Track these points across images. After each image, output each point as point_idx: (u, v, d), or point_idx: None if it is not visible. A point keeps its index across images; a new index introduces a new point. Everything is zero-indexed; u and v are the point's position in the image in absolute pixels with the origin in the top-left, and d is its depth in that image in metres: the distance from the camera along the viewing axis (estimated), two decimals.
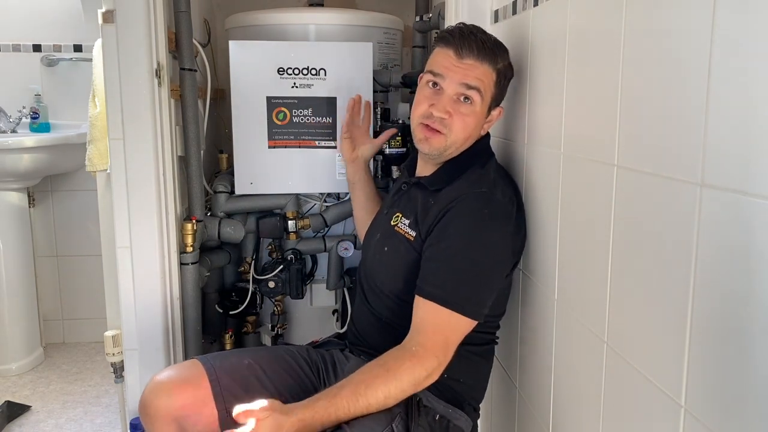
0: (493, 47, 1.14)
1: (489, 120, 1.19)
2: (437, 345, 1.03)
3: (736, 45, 0.60)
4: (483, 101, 1.14)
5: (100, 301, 2.10)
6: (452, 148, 1.17)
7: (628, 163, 0.80)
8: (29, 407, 2.07)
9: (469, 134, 1.16)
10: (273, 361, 1.23)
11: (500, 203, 1.10)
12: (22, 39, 2.38)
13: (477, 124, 1.16)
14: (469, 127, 1.15)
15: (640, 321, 0.79)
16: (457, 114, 1.13)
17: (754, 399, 0.58)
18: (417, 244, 1.13)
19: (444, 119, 1.13)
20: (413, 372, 1.01)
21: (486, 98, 1.14)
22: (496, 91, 1.16)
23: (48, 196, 2.49)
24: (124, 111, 1.45)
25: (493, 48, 1.14)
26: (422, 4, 2.05)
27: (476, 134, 1.19)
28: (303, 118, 1.67)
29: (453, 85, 1.13)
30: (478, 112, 1.15)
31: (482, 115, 1.16)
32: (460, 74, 1.12)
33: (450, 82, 1.13)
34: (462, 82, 1.12)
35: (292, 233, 1.78)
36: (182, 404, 1.13)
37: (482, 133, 1.21)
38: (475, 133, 1.18)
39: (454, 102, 1.13)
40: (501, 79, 1.16)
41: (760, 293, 0.57)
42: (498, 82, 1.15)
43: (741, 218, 0.59)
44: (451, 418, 1.11)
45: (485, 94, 1.14)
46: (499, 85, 1.16)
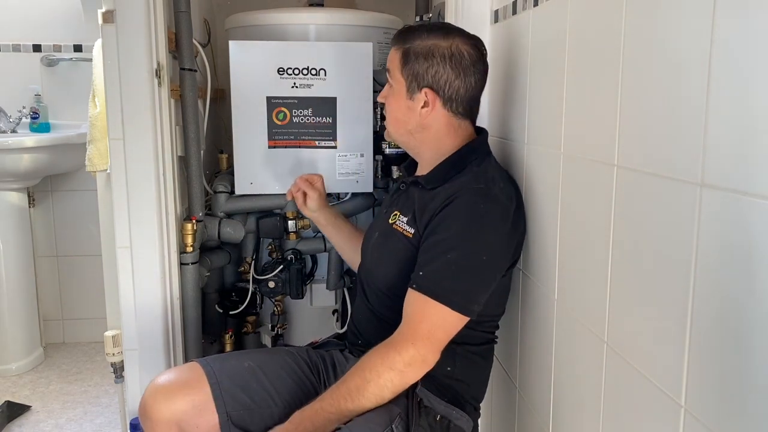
0: (408, 30, 1.19)
1: (423, 105, 1.15)
2: (418, 334, 1.02)
3: (735, 45, 0.60)
4: (395, 81, 1.18)
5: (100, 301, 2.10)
6: (394, 134, 1.23)
7: (628, 163, 0.80)
8: (29, 407, 2.07)
9: (397, 117, 1.20)
10: (273, 363, 1.22)
11: (497, 199, 1.09)
12: (22, 39, 2.38)
13: (399, 106, 1.19)
14: (393, 110, 1.20)
15: (640, 321, 0.79)
16: (385, 99, 1.23)
17: (754, 399, 0.59)
18: (415, 241, 1.13)
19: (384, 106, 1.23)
20: (386, 358, 1.01)
21: (395, 77, 1.18)
22: (405, 69, 1.16)
23: (48, 196, 2.49)
24: (124, 111, 1.45)
25: (406, 31, 1.19)
26: (422, 4, 2.05)
27: (411, 119, 1.18)
28: (303, 118, 1.67)
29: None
30: (395, 92, 1.19)
31: (401, 96, 1.18)
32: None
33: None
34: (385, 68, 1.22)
35: (292, 233, 1.79)
36: (182, 408, 1.13)
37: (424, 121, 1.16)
38: (407, 117, 1.18)
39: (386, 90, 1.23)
40: (408, 56, 1.15)
41: (760, 293, 0.57)
42: (404, 58, 1.16)
43: (741, 218, 0.59)
44: (452, 418, 1.11)
45: (393, 71, 1.19)
46: (408, 62, 1.15)
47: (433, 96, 1.15)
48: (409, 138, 1.21)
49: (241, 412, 1.15)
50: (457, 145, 1.19)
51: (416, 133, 1.19)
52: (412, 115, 1.17)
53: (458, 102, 1.16)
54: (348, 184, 1.73)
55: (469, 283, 1.05)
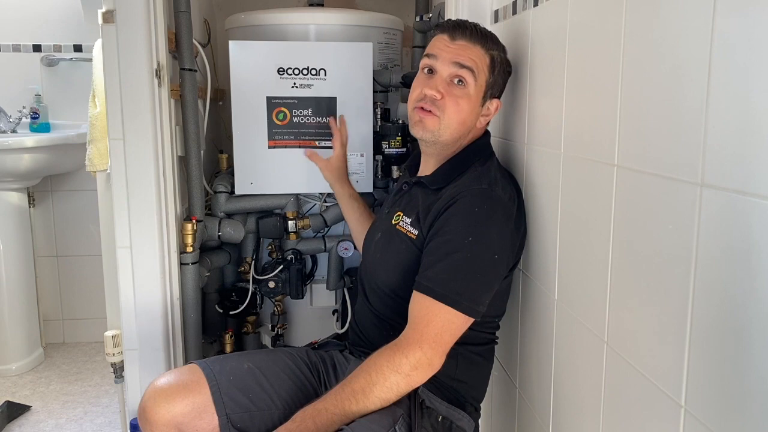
0: (486, 33, 1.17)
1: (486, 114, 1.19)
2: (424, 337, 1.02)
3: (736, 45, 0.60)
4: (476, 84, 1.15)
5: (100, 301, 2.10)
6: (446, 133, 1.16)
7: (628, 163, 0.80)
8: (29, 407, 2.07)
9: (463, 119, 1.16)
10: (273, 365, 1.22)
11: (500, 200, 1.09)
12: (22, 39, 2.38)
13: (471, 109, 1.16)
14: (463, 111, 1.15)
15: (640, 321, 0.79)
16: (449, 95, 1.14)
17: (754, 399, 0.59)
18: (419, 242, 1.13)
19: (437, 100, 1.14)
20: (392, 361, 1.01)
21: (480, 81, 1.15)
22: (491, 78, 1.16)
23: (48, 196, 2.49)
24: (124, 111, 1.45)
25: (486, 34, 1.17)
26: (422, 4, 2.05)
27: (471, 124, 1.18)
28: (303, 118, 1.67)
29: (446, 65, 1.15)
30: (471, 96, 1.15)
31: (476, 101, 1.16)
32: (452, 53, 1.14)
33: (443, 62, 1.15)
34: (454, 60, 1.14)
35: (292, 233, 1.79)
36: (182, 410, 1.12)
37: (479, 126, 1.20)
38: (470, 121, 1.17)
39: (447, 84, 1.15)
40: (495, 66, 1.16)
41: (760, 293, 0.57)
42: (492, 67, 1.16)
43: (741, 218, 0.59)
44: (454, 419, 1.11)
45: (479, 75, 1.15)
46: (494, 72, 1.16)
47: (497, 107, 1.20)
48: (457, 141, 1.19)
49: (241, 414, 1.15)
50: (464, 144, 1.19)
51: (464, 136, 1.19)
52: (475, 121, 1.19)
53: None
54: None
55: (475, 284, 1.05)
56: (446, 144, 1.18)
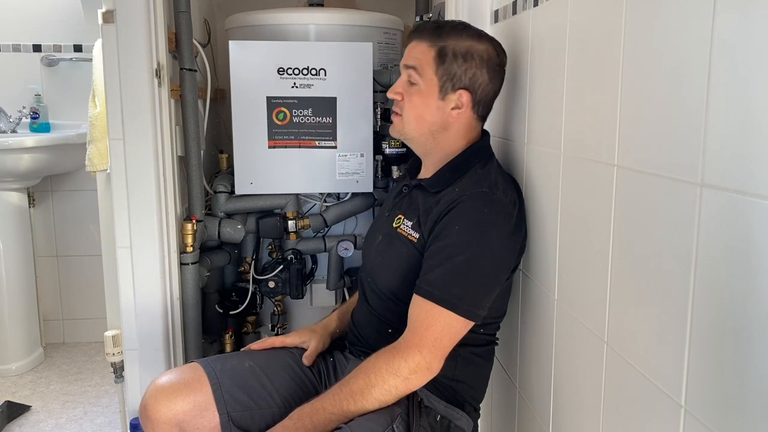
0: (439, 27, 1.15)
1: (457, 107, 1.15)
2: (424, 341, 1.02)
3: (736, 45, 0.60)
4: (424, 78, 1.14)
5: (100, 301, 2.10)
6: (409, 129, 1.17)
7: (628, 163, 0.80)
8: (29, 407, 2.07)
9: (419, 114, 1.15)
10: (274, 364, 1.22)
11: (501, 203, 1.09)
12: (22, 39, 2.38)
13: (425, 103, 1.14)
14: (417, 106, 1.15)
15: (640, 321, 0.79)
16: (406, 95, 1.16)
17: (754, 399, 0.59)
18: (420, 246, 1.13)
19: (398, 101, 1.18)
20: (391, 364, 1.01)
21: (427, 75, 1.13)
22: (441, 69, 1.13)
23: (48, 196, 2.49)
24: (124, 111, 1.45)
25: (438, 28, 1.15)
26: (422, 4, 2.05)
27: (434, 117, 1.15)
28: (303, 118, 1.67)
29: (402, 69, 1.18)
30: (423, 92, 1.14)
31: (431, 94, 1.14)
32: (404, 57, 1.18)
33: (401, 67, 1.19)
34: (404, 63, 1.17)
35: (292, 233, 1.79)
36: (183, 409, 1.12)
37: (452, 120, 1.16)
38: (430, 114, 1.15)
39: (405, 85, 1.17)
40: (445, 56, 1.12)
41: (760, 293, 0.57)
42: (439, 58, 1.12)
43: (741, 218, 0.59)
44: (452, 418, 1.11)
45: (423, 70, 1.14)
46: (443, 62, 1.13)
47: (468, 98, 1.15)
48: (428, 138, 1.18)
49: (242, 412, 1.15)
50: (463, 146, 1.19)
51: (437, 133, 1.17)
52: (440, 115, 1.15)
53: (484, 105, 1.18)
54: (348, 184, 1.73)
55: (475, 287, 1.05)
56: (421, 142, 1.19)
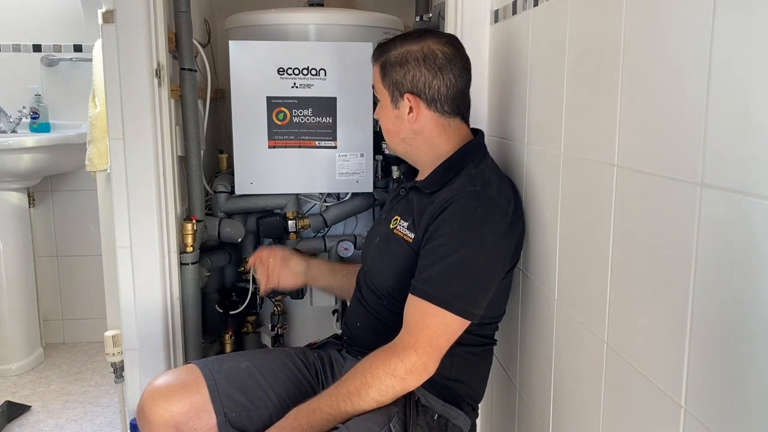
0: (381, 45, 1.20)
1: (411, 111, 1.16)
2: (420, 341, 1.02)
3: (736, 45, 0.60)
4: (381, 95, 1.21)
5: (100, 301, 2.10)
6: (390, 144, 1.25)
7: (628, 163, 0.80)
8: (29, 407, 2.07)
9: (387, 128, 1.22)
10: (270, 364, 1.22)
11: (494, 201, 1.09)
12: (22, 39, 2.38)
13: (387, 117, 1.21)
14: (384, 122, 1.22)
15: (640, 321, 0.79)
16: (377, 115, 1.25)
17: (754, 399, 0.58)
18: (415, 246, 1.13)
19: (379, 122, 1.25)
20: (388, 364, 1.01)
21: (381, 91, 1.20)
22: (386, 81, 1.18)
23: (48, 196, 2.49)
24: (124, 111, 1.45)
25: (380, 46, 1.20)
26: (422, 4, 2.05)
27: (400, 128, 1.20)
28: (303, 118, 1.67)
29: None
30: (382, 105, 1.21)
31: (387, 108, 1.20)
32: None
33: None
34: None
35: (292, 233, 1.78)
36: (180, 410, 1.13)
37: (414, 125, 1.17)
38: (395, 126, 1.20)
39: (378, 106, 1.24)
40: (386, 69, 1.17)
41: (760, 293, 0.57)
42: (383, 71, 1.18)
43: (741, 218, 0.59)
44: (450, 417, 1.11)
45: (378, 88, 1.21)
46: (387, 74, 1.18)
47: (415, 100, 1.16)
48: (405, 146, 1.22)
49: (239, 413, 1.15)
50: (453, 146, 1.19)
51: (410, 140, 1.20)
52: (402, 123, 1.19)
53: (442, 101, 1.17)
54: (348, 184, 1.73)
55: (470, 286, 1.05)
56: (404, 153, 1.25)
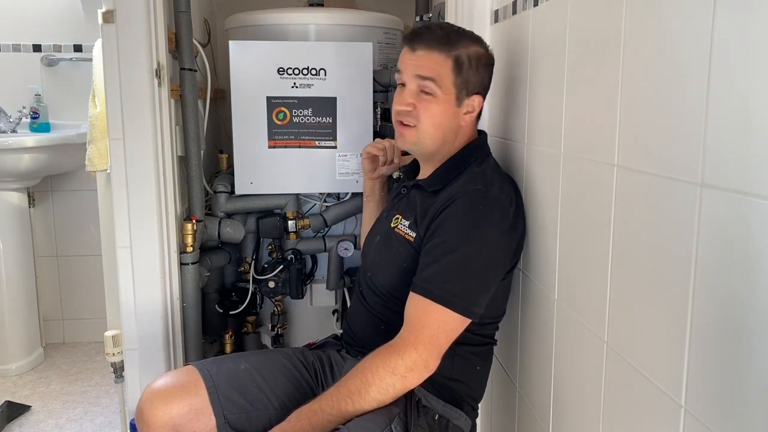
0: (448, 35, 1.14)
1: (469, 111, 1.17)
2: (420, 338, 1.02)
3: (736, 45, 0.60)
4: (442, 89, 1.14)
5: (100, 301, 2.10)
6: (426, 139, 1.16)
7: (628, 163, 0.80)
8: (29, 407, 2.07)
9: (439, 123, 1.15)
10: (269, 365, 1.22)
11: (496, 200, 1.09)
12: (22, 39, 2.38)
13: (444, 111, 1.15)
14: (436, 116, 1.15)
15: (640, 321, 0.79)
16: (420, 104, 1.15)
17: (754, 399, 0.59)
18: (417, 245, 1.13)
19: (410, 111, 1.16)
20: (388, 362, 1.01)
21: (446, 85, 1.14)
22: (459, 78, 1.14)
23: (48, 196, 2.49)
24: (124, 111, 1.45)
25: (446, 36, 1.14)
26: (422, 4, 2.05)
27: (451, 124, 1.17)
28: (303, 118, 1.67)
29: (410, 78, 1.16)
30: (441, 100, 1.14)
31: (449, 103, 1.15)
32: (413, 66, 1.15)
33: (408, 76, 1.16)
34: (416, 73, 1.15)
35: (292, 233, 1.79)
36: (179, 412, 1.12)
37: (464, 124, 1.18)
38: (449, 123, 1.16)
39: (416, 95, 1.15)
40: (462, 65, 1.14)
41: (760, 293, 0.57)
42: (457, 67, 1.13)
43: (741, 218, 0.59)
44: (451, 417, 1.11)
45: (442, 81, 1.14)
46: (461, 72, 1.14)
47: (480, 101, 1.18)
48: (441, 143, 1.18)
49: (238, 415, 1.15)
50: (460, 146, 1.19)
51: (449, 137, 1.18)
52: (455, 121, 1.17)
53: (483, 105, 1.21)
54: (348, 184, 1.73)
55: (471, 284, 1.05)
56: (433, 150, 1.19)
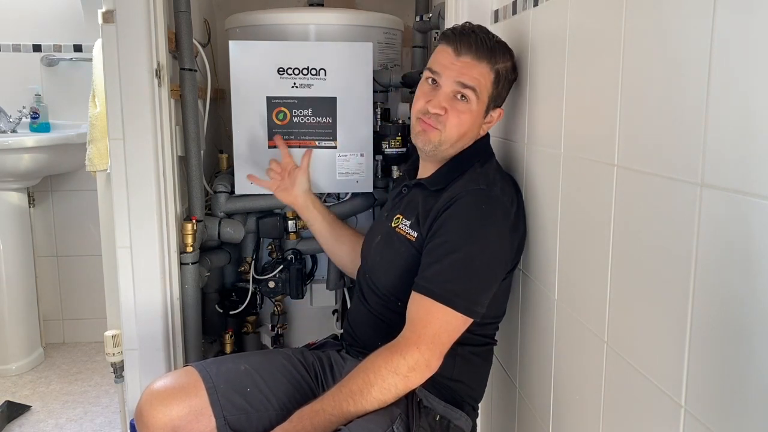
0: (493, 47, 1.14)
1: (488, 121, 1.20)
2: (422, 338, 1.02)
3: (736, 45, 0.60)
4: (479, 100, 1.14)
5: (100, 301, 2.10)
6: (446, 144, 1.17)
7: (628, 163, 0.80)
8: (29, 407, 2.07)
9: (464, 132, 1.16)
10: (269, 366, 1.22)
11: (498, 200, 1.09)
12: (22, 39, 2.38)
13: (473, 122, 1.16)
14: (464, 125, 1.15)
15: (640, 321, 0.79)
16: (452, 110, 1.14)
17: (754, 399, 0.59)
18: (418, 245, 1.13)
19: (439, 115, 1.15)
20: (390, 362, 1.01)
21: (483, 97, 1.15)
22: (494, 92, 1.16)
23: (48, 196, 2.49)
24: (124, 111, 1.45)
25: (493, 47, 1.14)
26: (422, 4, 2.05)
27: (473, 133, 1.19)
28: (303, 118, 1.67)
29: (449, 82, 1.14)
30: (474, 111, 1.15)
31: (479, 114, 1.16)
32: (456, 72, 1.13)
33: (447, 79, 1.14)
34: (458, 80, 1.13)
35: (292, 233, 1.79)
36: (179, 413, 1.12)
37: (481, 133, 1.21)
38: (472, 132, 1.18)
39: (450, 99, 1.14)
40: (500, 80, 1.16)
41: (760, 293, 0.57)
42: (496, 82, 1.15)
43: (741, 218, 0.59)
44: (452, 418, 1.11)
45: (481, 93, 1.14)
46: (498, 86, 1.16)
47: (500, 114, 1.21)
48: (456, 148, 1.19)
49: (238, 416, 1.15)
50: (463, 146, 1.19)
51: (464, 142, 1.19)
52: (477, 130, 1.19)
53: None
54: (348, 184, 1.73)
55: (473, 284, 1.05)
56: (446, 152, 1.19)
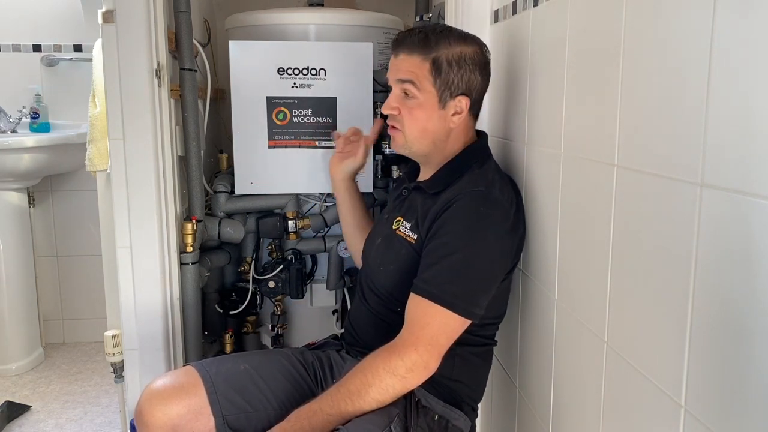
0: (426, 37, 1.13)
1: (456, 113, 1.16)
2: (420, 339, 1.02)
3: (736, 45, 0.60)
4: (423, 91, 1.13)
5: (100, 301, 2.10)
6: (414, 143, 1.17)
7: (628, 163, 0.80)
8: (29, 407, 2.07)
9: (423, 126, 1.15)
10: (269, 366, 1.22)
11: (497, 201, 1.09)
12: (22, 39, 2.38)
13: (428, 115, 1.15)
14: (419, 119, 1.15)
15: (640, 321, 0.79)
16: (404, 108, 1.16)
17: (754, 399, 0.59)
18: (418, 247, 1.13)
19: (395, 115, 1.17)
20: (388, 363, 1.01)
21: (425, 87, 1.13)
22: (439, 80, 1.13)
23: (48, 196, 2.49)
24: (124, 111, 1.45)
25: (425, 38, 1.13)
26: (422, 4, 2.05)
27: (437, 127, 1.16)
28: (303, 118, 1.67)
29: (393, 83, 1.18)
30: (423, 103, 1.14)
31: (431, 106, 1.14)
32: (394, 71, 1.17)
33: (391, 80, 1.18)
34: (396, 77, 1.16)
35: (292, 233, 1.79)
36: (179, 413, 1.12)
37: (453, 126, 1.16)
38: (434, 125, 1.15)
39: (400, 99, 1.17)
40: (440, 67, 1.12)
41: (760, 293, 0.57)
42: (436, 70, 1.12)
43: (741, 218, 0.59)
44: (450, 418, 1.11)
45: (421, 83, 1.13)
46: (440, 73, 1.12)
47: (467, 102, 1.16)
48: (432, 147, 1.18)
49: (237, 415, 1.15)
50: (460, 147, 1.19)
51: (440, 140, 1.17)
52: (442, 123, 1.16)
53: (479, 105, 1.20)
54: None
55: (471, 286, 1.05)
56: (425, 152, 1.19)
